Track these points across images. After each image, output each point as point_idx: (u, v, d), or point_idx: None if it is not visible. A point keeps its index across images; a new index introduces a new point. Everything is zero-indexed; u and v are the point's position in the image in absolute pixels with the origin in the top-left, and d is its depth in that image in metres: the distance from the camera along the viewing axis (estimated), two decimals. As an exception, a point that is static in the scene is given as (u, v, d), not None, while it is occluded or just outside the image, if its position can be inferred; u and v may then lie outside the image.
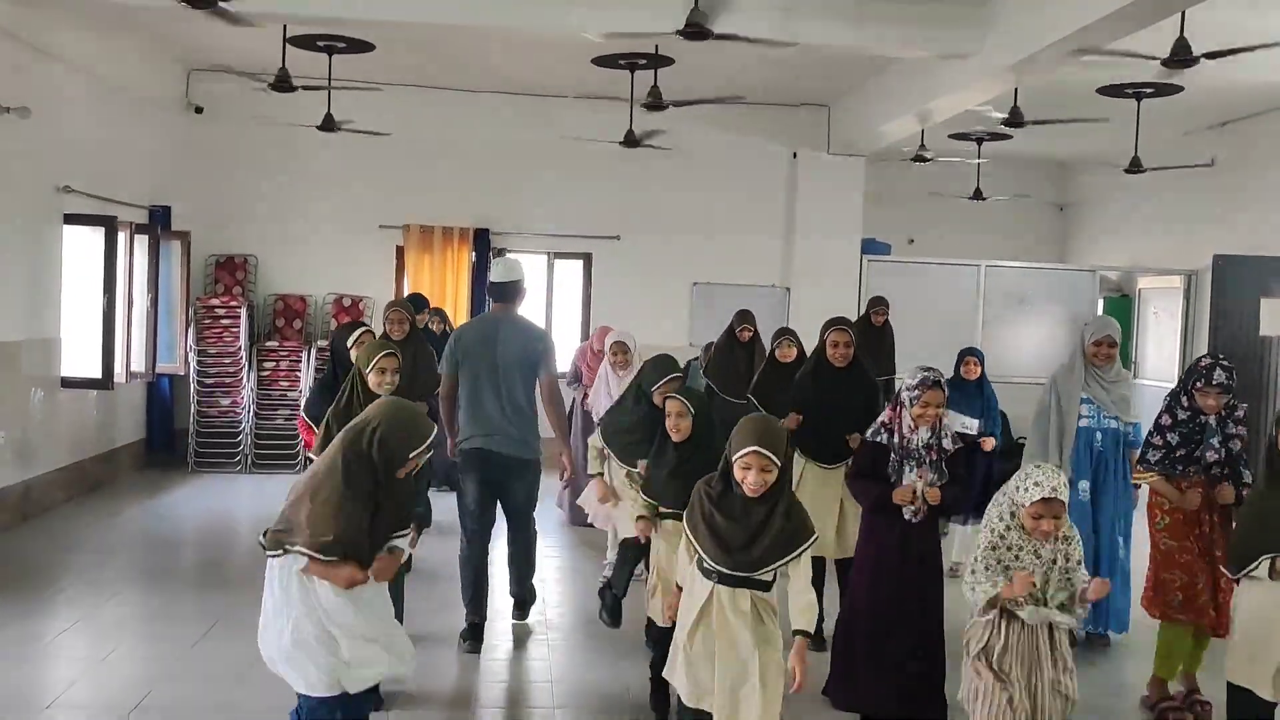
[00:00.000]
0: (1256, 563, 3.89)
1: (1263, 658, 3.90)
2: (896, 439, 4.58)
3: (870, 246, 11.70)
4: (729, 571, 3.59)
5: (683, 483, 4.51)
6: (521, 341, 5.60)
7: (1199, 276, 11.14)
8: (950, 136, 10.94)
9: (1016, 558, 3.71)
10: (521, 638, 5.82)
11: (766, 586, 3.65)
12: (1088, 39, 6.48)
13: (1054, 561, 3.71)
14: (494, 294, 5.81)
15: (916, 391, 4.52)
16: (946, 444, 4.59)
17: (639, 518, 4.68)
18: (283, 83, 8.25)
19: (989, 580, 3.70)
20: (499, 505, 5.78)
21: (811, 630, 3.68)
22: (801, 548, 3.63)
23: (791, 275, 11.35)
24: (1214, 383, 4.65)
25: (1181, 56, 6.24)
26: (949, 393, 4.71)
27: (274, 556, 3.43)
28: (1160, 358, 11.91)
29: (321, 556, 3.34)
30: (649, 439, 4.81)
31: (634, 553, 4.88)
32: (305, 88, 8.54)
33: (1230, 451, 4.74)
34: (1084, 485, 5.52)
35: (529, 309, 9.15)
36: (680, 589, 3.82)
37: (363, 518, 3.39)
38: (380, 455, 3.39)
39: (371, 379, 4.59)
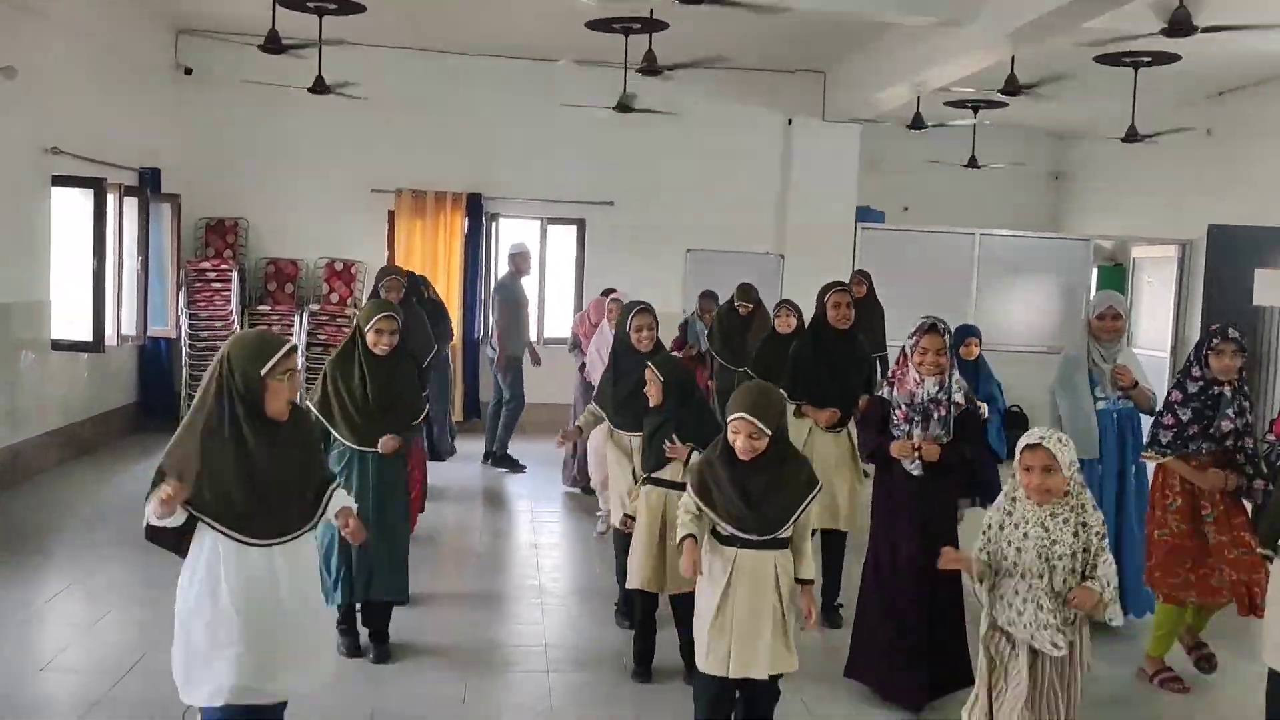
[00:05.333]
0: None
1: None
2: (900, 393, 4.43)
3: (864, 214, 11.68)
4: (749, 535, 3.61)
5: (657, 450, 4.59)
6: None
7: (1193, 246, 11.14)
8: (946, 104, 10.88)
9: (1025, 535, 3.46)
10: (516, 600, 5.85)
11: (786, 544, 3.69)
12: (1084, 7, 6.43)
13: (1058, 541, 3.42)
14: None
15: (914, 337, 4.37)
16: (958, 398, 4.39)
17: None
18: (272, 44, 8.15)
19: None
20: None
21: (813, 579, 3.76)
22: (810, 495, 3.68)
23: (786, 242, 11.31)
24: (1230, 337, 4.57)
25: (1181, 26, 6.19)
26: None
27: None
28: (1154, 327, 11.94)
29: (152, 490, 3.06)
30: (640, 395, 4.84)
31: (625, 546, 4.89)
32: (294, 48, 8.43)
33: (1247, 423, 4.63)
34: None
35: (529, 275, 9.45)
36: (693, 539, 3.69)
37: (204, 449, 3.08)
38: (238, 381, 3.10)
39: (370, 338, 4.70)
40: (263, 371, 3.10)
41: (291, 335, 10.20)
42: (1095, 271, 12.28)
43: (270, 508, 3.14)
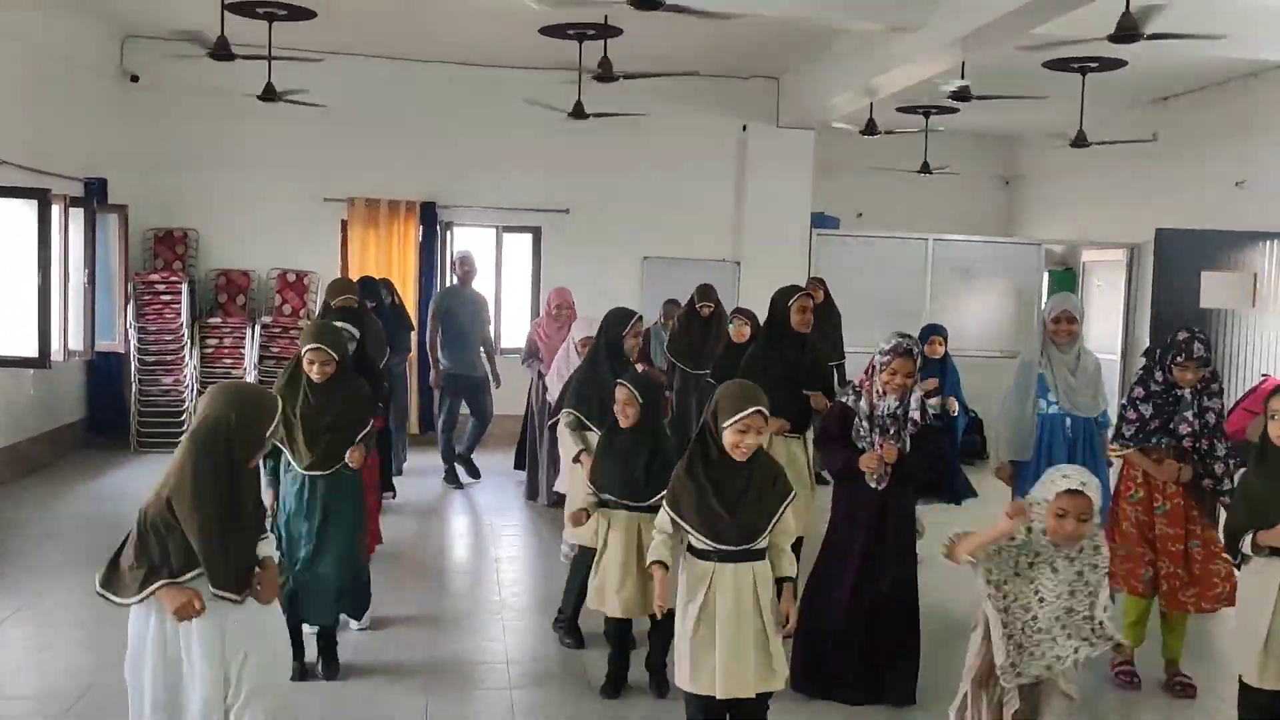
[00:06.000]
0: (1241, 540, 3.79)
1: (1249, 643, 3.79)
2: (865, 404, 4.46)
3: (819, 220, 11.73)
4: (728, 547, 3.58)
5: (628, 472, 4.55)
6: None
7: (1141, 249, 11.32)
8: (898, 110, 10.97)
9: (1030, 564, 3.35)
10: (478, 616, 5.79)
11: (763, 554, 3.66)
12: (1033, 14, 6.51)
13: (1078, 575, 3.34)
14: None
15: (887, 358, 4.39)
16: (914, 415, 4.45)
17: (578, 510, 4.69)
18: (221, 51, 8.03)
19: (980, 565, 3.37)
20: None
21: (793, 576, 3.72)
22: (786, 501, 3.66)
23: (742, 249, 11.34)
24: (1194, 356, 4.65)
25: (1128, 33, 6.28)
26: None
27: (140, 600, 3.10)
28: (1104, 331, 12.10)
29: (184, 579, 3.06)
30: None
31: (584, 570, 4.86)
32: (244, 56, 8.31)
33: (1206, 425, 4.74)
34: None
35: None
36: (664, 566, 3.70)
37: (223, 527, 3.09)
38: (240, 446, 3.13)
39: (304, 365, 4.62)
40: (268, 433, 3.20)
41: (243, 348, 10.05)
42: (1046, 275, 12.43)
43: (243, 559, 3.19)
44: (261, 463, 4.41)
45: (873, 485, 4.47)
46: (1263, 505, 3.73)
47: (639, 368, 8.73)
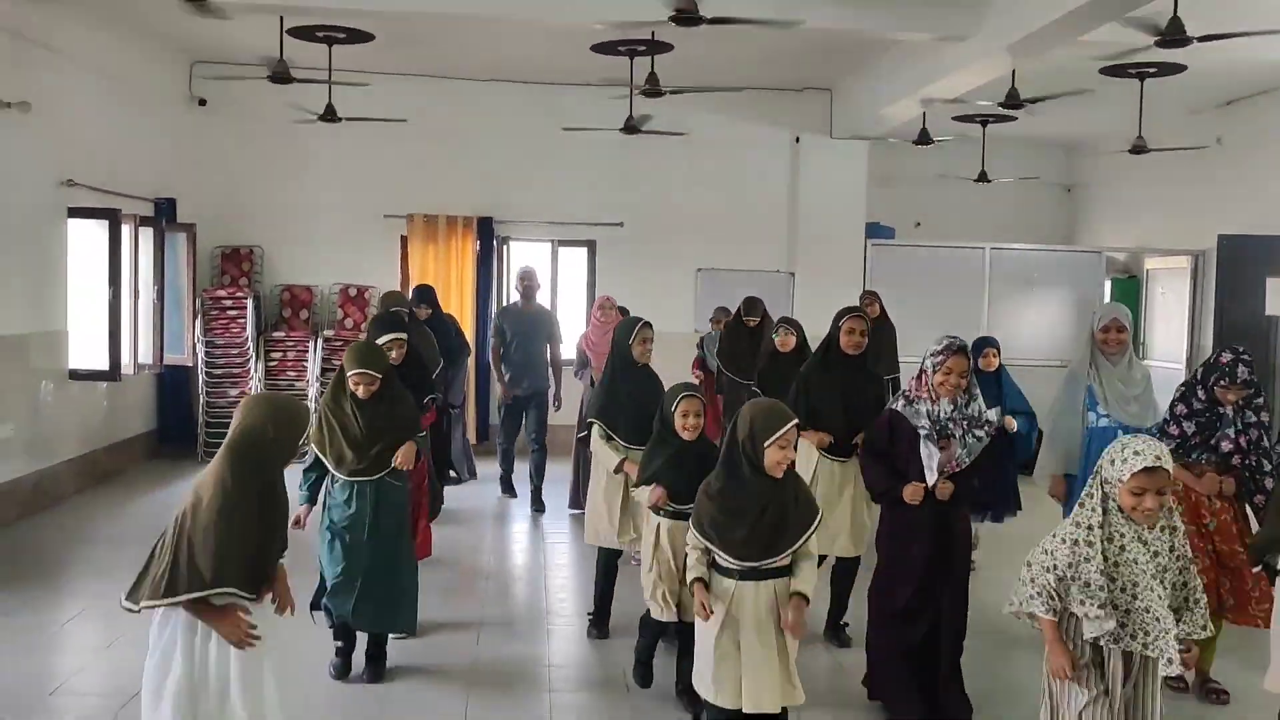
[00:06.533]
0: (1269, 553, 3.76)
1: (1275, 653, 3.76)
2: (923, 408, 4.33)
3: (874, 230, 11.69)
4: (750, 565, 3.60)
5: (689, 477, 4.34)
6: None
7: (1205, 256, 11.09)
8: (955, 119, 10.89)
9: (1122, 549, 3.17)
10: (524, 622, 5.89)
11: (787, 572, 3.66)
12: (1081, 20, 6.46)
13: (1159, 554, 3.21)
14: None
15: (940, 357, 4.28)
16: (991, 415, 4.33)
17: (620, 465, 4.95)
18: (280, 74, 8.29)
19: (1046, 597, 3.21)
20: None
21: (810, 594, 3.67)
22: (813, 526, 3.66)
23: (796, 260, 11.35)
24: (1238, 380, 4.60)
25: (1175, 36, 6.21)
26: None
27: (152, 607, 3.14)
28: (1168, 338, 11.88)
29: (216, 592, 3.10)
30: (643, 411, 4.86)
31: (655, 625, 4.71)
32: (301, 80, 8.58)
33: (1251, 441, 4.69)
34: None
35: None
36: (703, 583, 3.71)
37: (257, 535, 3.18)
38: (278, 451, 3.22)
39: (349, 385, 4.73)
40: (301, 441, 3.32)
41: (306, 361, 10.32)
42: (1109, 284, 12.23)
43: (263, 573, 3.27)
44: (300, 482, 4.62)
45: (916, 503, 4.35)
46: None
47: (695, 377, 8.79)
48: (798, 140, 11.34)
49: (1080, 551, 3.20)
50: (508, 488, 8.97)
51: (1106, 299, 11.87)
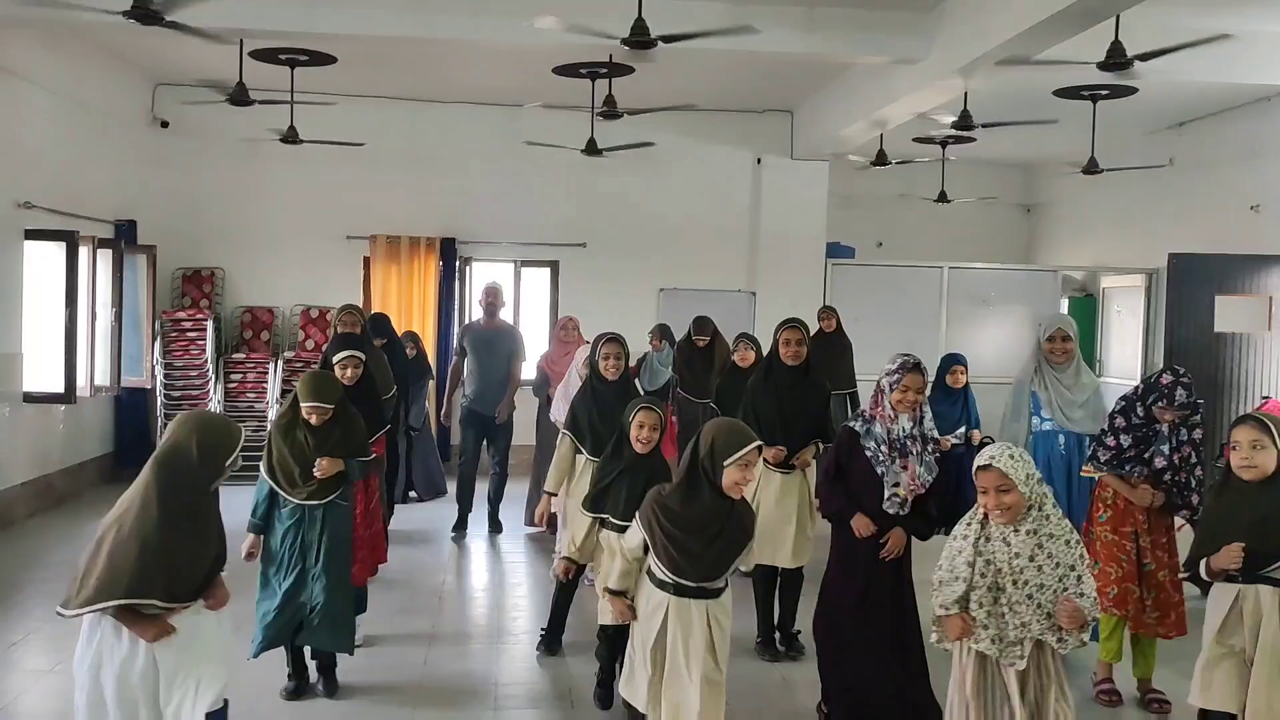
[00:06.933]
0: (1200, 564, 3.82)
1: (1200, 663, 3.85)
2: (880, 429, 4.37)
3: (835, 250, 11.81)
4: (687, 583, 3.64)
5: (632, 494, 4.45)
6: None
7: (1159, 275, 11.25)
8: (914, 140, 11.04)
9: (988, 540, 3.43)
10: (474, 639, 5.89)
11: (719, 593, 3.70)
12: (1026, 44, 6.58)
13: (1038, 546, 3.39)
14: None
15: (896, 375, 4.33)
16: (930, 431, 4.40)
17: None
18: (239, 97, 8.31)
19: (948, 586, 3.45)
20: None
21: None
22: (746, 548, 3.73)
23: (757, 280, 11.44)
24: (1175, 403, 4.68)
25: (1116, 59, 6.34)
26: (937, 405, 4.57)
27: (80, 614, 3.20)
28: (1124, 355, 12.04)
29: (135, 601, 3.14)
30: (612, 425, 4.91)
31: (612, 639, 4.70)
32: (261, 101, 8.60)
33: (1184, 458, 4.78)
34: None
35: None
36: (625, 594, 3.79)
37: (180, 548, 3.21)
38: (203, 468, 3.26)
39: (303, 412, 4.75)
40: (229, 461, 3.32)
41: (266, 383, 10.29)
42: (1065, 302, 12.38)
43: (195, 581, 3.31)
44: (251, 510, 4.64)
45: (891, 512, 4.38)
46: (1221, 532, 3.77)
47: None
48: (759, 161, 11.45)
49: (955, 545, 3.52)
50: (461, 528, 8.39)
51: (1063, 318, 12.00)
